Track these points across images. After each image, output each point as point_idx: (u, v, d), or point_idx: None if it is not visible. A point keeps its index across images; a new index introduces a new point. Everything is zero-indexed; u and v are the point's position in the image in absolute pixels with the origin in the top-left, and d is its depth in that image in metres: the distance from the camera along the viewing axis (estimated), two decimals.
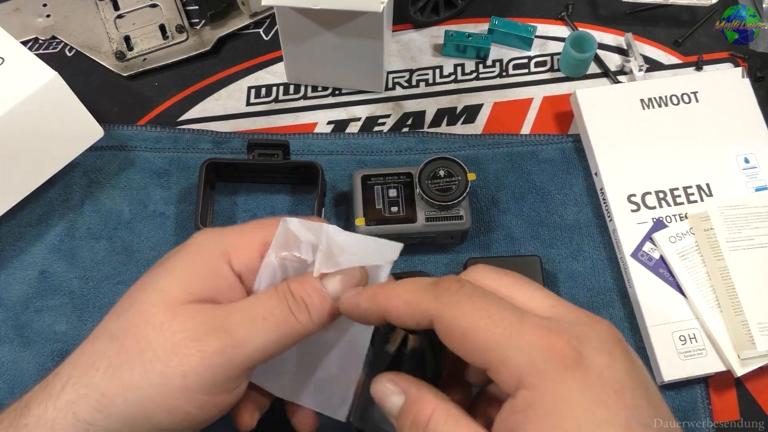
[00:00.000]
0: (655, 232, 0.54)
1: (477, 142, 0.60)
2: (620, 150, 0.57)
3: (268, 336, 0.34)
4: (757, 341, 0.50)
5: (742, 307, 0.50)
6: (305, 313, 0.35)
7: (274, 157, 0.55)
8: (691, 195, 0.55)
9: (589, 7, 0.67)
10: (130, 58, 0.63)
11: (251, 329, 0.34)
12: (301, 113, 0.62)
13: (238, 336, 0.34)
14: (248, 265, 0.37)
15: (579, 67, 0.63)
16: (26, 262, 0.55)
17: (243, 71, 0.64)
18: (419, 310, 0.32)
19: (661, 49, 0.65)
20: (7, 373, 0.51)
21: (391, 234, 0.53)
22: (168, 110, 0.62)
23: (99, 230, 0.56)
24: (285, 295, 0.35)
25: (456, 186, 0.52)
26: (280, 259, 0.37)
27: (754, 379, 0.52)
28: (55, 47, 0.64)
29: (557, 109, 0.62)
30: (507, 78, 0.64)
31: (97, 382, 0.33)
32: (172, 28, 0.64)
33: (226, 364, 0.33)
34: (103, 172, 0.58)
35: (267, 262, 0.38)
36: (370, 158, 0.59)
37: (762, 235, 0.53)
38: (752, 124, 0.58)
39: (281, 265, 0.38)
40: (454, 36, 0.63)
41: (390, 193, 0.53)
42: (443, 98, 0.63)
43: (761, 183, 0.56)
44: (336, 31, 0.55)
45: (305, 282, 0.36)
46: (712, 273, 0.52)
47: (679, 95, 0.59)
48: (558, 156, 0.59)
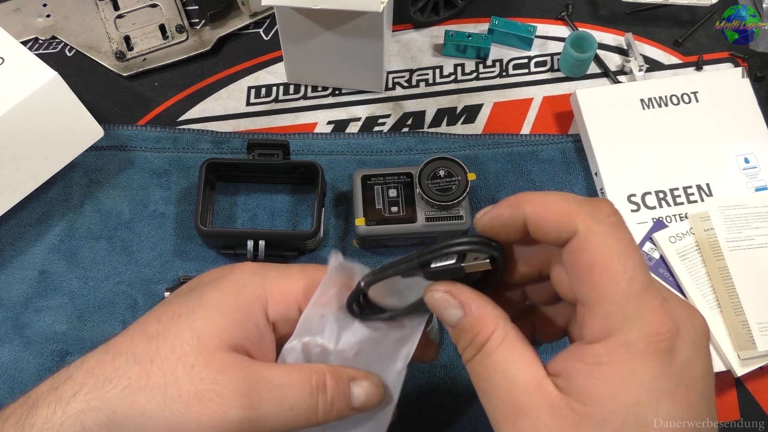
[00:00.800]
0: (655, 232, 0.54)
1: (477, 142, 0.60)
2: (620, 150, 0.57)
3: (287, 423, 0.34)
4: (757, 341, 0.50)
5: (742, 307, 0.50)
6: (329, 413, 0.35)
7: (274, 157, 0.55)
8: (691, 195, 0.55)
9: (589, 7, 0.67)
10: (130, 58, 0.63)
11: (277, 411, 0.34)
12: (301, 113, 0.62)
13: (261, 411, 0.33)
14: (284, 315, 0.37)
15: (579, 67, 0.63)
16: (26, 262, 0.55)
17: (243, 71, 0.64)
18: (567, 221, 0.30)
19: (661, 49, 0.65)
20: (7, 373, 0.51)
21: (391, 234, 0.53)
22: (168, 110, 0.62)
23: (99, 230, 0.56)
24: (319, 390, 0.35)
25: (456, 186, 0.52)
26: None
27: (754, 379, 0.52)
28: (55, 47, 0.64)
29: (557, 109, 0.62)
30: (507, 78, 0.64)
31: (111, 398, 0.33)
32: (172, 28, 0.64)
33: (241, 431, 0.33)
34: (103, 172, 0.58)
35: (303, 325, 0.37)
36: (370, 158, 0.59)
37: (762, 235, 0.53)
38: (752, 124, 0.58)
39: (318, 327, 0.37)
40: (454, 36, 0.63)
41: (390, 193, 0.53)
42: (443, 98, 0.63)
43: (761, 183, 0.56)
44: (336, 31, 0.55)
45: (340, 382, 0.36)
46: (712, 273, 0.52)
47: (679, 95, 0.59)
48: (558, 156, 0.59)
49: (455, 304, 0.32)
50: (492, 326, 0.31)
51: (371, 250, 0.55)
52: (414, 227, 0.52)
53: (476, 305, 0.32)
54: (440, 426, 0.50)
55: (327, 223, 0.56)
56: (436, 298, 0.33)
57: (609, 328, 0.29)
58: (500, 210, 0.32)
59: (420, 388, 0.51)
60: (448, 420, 0.50)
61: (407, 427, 0.50)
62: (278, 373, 0.35)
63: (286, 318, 0.37)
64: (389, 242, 0.54)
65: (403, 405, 0.50)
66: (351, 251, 0.56)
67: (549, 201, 0.31)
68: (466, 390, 0.51)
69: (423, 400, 0.51)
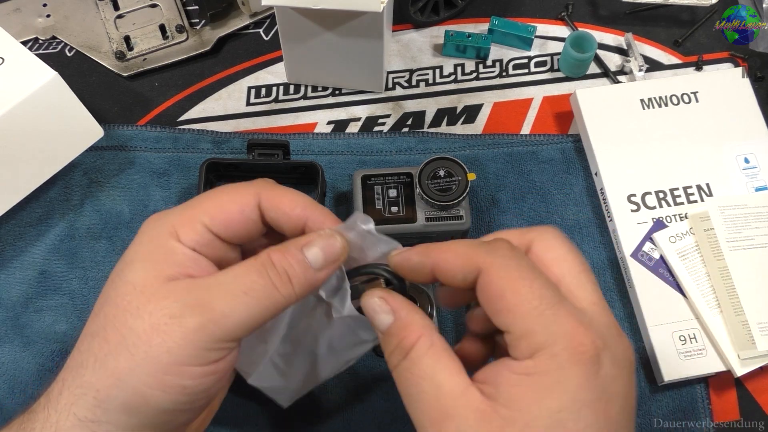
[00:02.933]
0: (655, 232, 0.54)
1: (477, 142, 0.60)
2: (620, 150, 0.57)
3: (249, 310, 0.34)
4: (757, 341, 0.50)
5: (742, 307, 0.50)
6: (288, 285, 0.35)
7: (274, 157, 0.55)
8: (691, 195, 0.55)
9: (589, 7, 0.67)
10: (130, 58, 0.63)
11: (232, 304, 0.33)
12: (301, 113, 0.62)
13: (218, 311, 0.33)
14: (197, 240, 0.36)
15: (579, 67, 0.63)
16: (26, 262, 0.55)
17: (243, 71, 0.64)
18: (470, 263, 0.33)
19: (661, 49, 0.65)
20: (7, 373, 0.51)
21: (391, 234, 0.53)
22: (168, 110, 0.62)
23: (99, 230, 0.56)
24: (266, 267, 0.35)
25: (456, 186, 0.52)
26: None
27: (754, 379, 0.52)
28: (55, 47, 0.64)
29: (557, 109, 0.62)
30: (507, 78, 0.64)
31: (88, 379, 0.33)
32: (172, 28, 0.64)
33: (208, 338, 0.33)
34: (103, 172, 0.58)
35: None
36: (370, 158, 0.59)
37: (762, 235, 0.53)
38: (752, 124, 0.58)
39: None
40: (454, 36, 0.63)
41: (390, 193, 0.53)
42: (443, 98, 0.63)
43: (761, 183, 0.56)
44: (336, 31, 0.55)
45: (287, 252, 0.35)
46: (712, 273, 0.52)
47: (679, 95, 0.59)
48: (558, 156, 0.59)
49: (387, 309, 0.34)
50: (418, 333, 0.33)
51: None
52: (414, 227, 0.52)
53: (405, 312, 0.34)
54: None
55: None
56: (371, 302, 0.35)
57: (534, 343, 0.31)
58: (410, 255, 0.36)
59: None
60: None
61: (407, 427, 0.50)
62: (221, 274, 0.35)
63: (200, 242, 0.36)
64: None
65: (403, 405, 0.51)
66: None
67: (452, 248, 0.34)
68: None
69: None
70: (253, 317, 0.34)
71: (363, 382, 0.51)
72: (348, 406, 0.51)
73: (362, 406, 0.51)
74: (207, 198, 0.38)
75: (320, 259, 0.36)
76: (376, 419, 0.50)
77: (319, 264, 0.36)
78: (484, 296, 0.33)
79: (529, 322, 0.31)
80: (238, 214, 0.37)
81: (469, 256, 0.33)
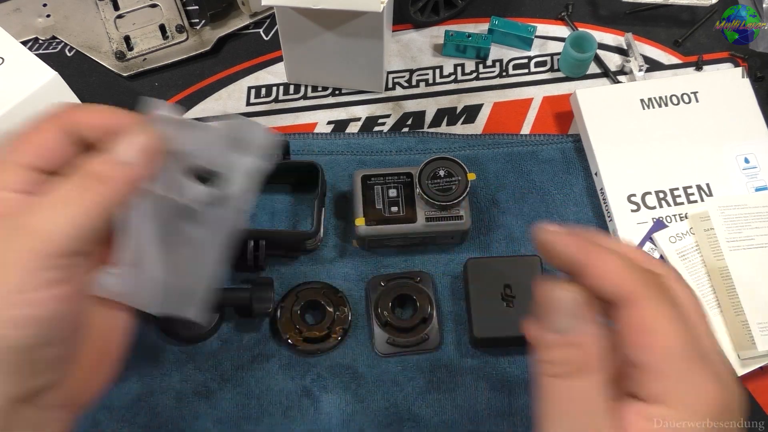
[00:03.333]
0: (655, 232, 0.54)
1: (477, 142, 0.60)
2: (620, 150, 0.57)
3: (69, 219, 0.33)
4: (757, 341, 0.50)
5: (742, 307, 0.50)
6: (99, 185, 0.34)
7: (273, 157, 0.55)
8: (691, 195, 0.55)
9: (589, 7, 0.67)
10: (130, 58, 0.63)
11: (50, 217, 0.33)
12: (301, 113, 0.62)
13: (39, 227, 0.32)
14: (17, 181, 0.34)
15: (579, 67, 0.63)
16: None
17: (243, 71, 0.64)
18: (622, 286, 0.31)
19: (661, 49, 0.65)
20: None
21: (391, 234, 0.53)
22: None
23: None
24: (77, 174, 0.34)
25: (456, 186, 0.52)
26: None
27: (754, 379, 0.52)
28: (55, 47, 0.64)
29: (557, 109, 0.62)
30: (507, 78, 0.64)
31: None
32: (172, 28, 0.64)
33: (38, 257, 0.32)
34: None
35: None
36: (370, 158, 0.59)
37: (762, 235, 0.53)
38: (752, 124, 0.58)
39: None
40: (454, 36, 0.63)
41: (390, 193, 0.53)
42: (443, 98, 0.63)
43: (761, 183, 0.56)
44: (336, 31, 0.55)
45: (93, 156, 0.34)
46: (712, 273, 0.52)
47: (679, 95, 0.59)
48: (558, 156, 0.59)
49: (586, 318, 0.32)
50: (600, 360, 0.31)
51: (371, 250, 0.55)
52: (414, 227, 0.52)
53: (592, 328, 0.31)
54: (440, 426, 0.50)
55: (327, 223, 0.56)
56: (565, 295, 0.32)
57: (668, 390, 0.30)
58: (568, 241, 0.33)
59: (420, 388, 0.51)
60: (448, 420, 0.50)
61: (407, 427, 0.50)
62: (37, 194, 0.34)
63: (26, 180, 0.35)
64: (389, 242, 0.54)
65: (403, 405, 0.51)
66: (351, 251, 0.56)
67: (611, 260, 0.31)
68: (467, 390, 0.51)
69: (423, 399, 0.51)
70: (76, 226, 0.33)
71: (363, 382, 0.51)
72: (348, 406, 0.51)
73: (362, 406, 0.51)
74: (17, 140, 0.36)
75: (130, 153, 0.35)
76: (377, 419, 0.50)
77: (129, 158, 0.34)
78: (625, 323, 0.31)
79: (667, 369, 0.30)
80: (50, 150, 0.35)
81: (623, 281, 0.31)
